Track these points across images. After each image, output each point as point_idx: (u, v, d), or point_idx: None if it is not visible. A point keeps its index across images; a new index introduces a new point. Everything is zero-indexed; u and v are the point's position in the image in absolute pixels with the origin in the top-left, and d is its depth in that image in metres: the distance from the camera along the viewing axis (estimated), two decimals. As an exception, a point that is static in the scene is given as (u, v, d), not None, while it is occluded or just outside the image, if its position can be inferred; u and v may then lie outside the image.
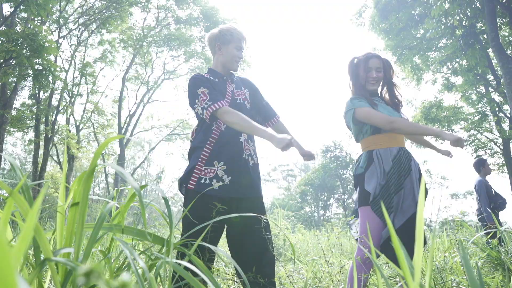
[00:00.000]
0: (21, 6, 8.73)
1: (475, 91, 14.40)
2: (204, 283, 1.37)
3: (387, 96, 2.37)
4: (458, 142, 1.98)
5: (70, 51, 17.32)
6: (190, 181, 2.02)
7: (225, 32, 2.21)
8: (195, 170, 2.03)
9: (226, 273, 2.55)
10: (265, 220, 2.05)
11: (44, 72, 9.16)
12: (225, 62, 2.22)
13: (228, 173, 2.03)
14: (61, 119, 17.51)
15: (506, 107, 13.56)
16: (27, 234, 0.43)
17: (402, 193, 2.07)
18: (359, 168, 2.21)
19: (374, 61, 2.24)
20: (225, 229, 2.08)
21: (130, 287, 0.39)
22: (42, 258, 1.00)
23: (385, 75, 2.30)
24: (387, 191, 2.07)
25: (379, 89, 2.38)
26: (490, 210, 5.22)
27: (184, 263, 1.06)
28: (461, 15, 11.52)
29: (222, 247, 4.24)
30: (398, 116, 2.21)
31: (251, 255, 1.98)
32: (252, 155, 2.16)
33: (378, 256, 2.10)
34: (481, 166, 5.67)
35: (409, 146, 14.13)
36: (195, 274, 1.10)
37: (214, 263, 2.10)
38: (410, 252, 1.94)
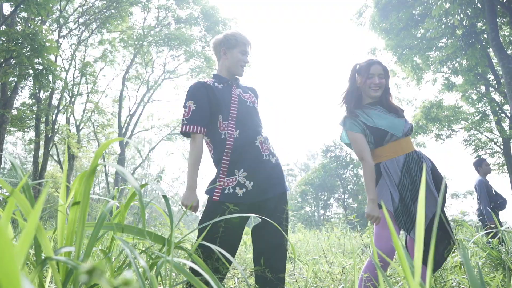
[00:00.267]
0: (21, 6, 8.73)
1: (475, 91, 14.40)
2: (208, 284, 1.37)
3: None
4: (368, 216, 2.06)
5: (71, 51, 17.32)
6: (215, 194, 2.05)
7: (230, 37, 2.22)
8: (218, 182, 2.06)
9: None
10: (285, 214, 2.11)
11: (44, 71, 9.16)
12: (230, 66, 2.23)
13: (250, 179, 2.06)
14: (61, 119, 17.51)
15: (506, 106, 13.56)
16: (29, 233, 0.43)
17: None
18: None
19: (376, 68, 2.22)
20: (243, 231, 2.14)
21: (132, 285, 0.39)
22: (43, 257, 1.00)
23: (386, 81, 2.29)
24: (404, 202, 2.06)
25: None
26: (490, 210, 5.22)
27: (188, 262, 1.06)
28: (461, 15, 11.51)
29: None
30: (401, 124, 2.18)
31: (267, 246, 2.04)
32: (272, 154, 2.18)
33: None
34: (479, 166, 5.67)
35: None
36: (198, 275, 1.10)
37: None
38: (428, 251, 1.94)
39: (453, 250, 2.14)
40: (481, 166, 5.65)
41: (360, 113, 2.20)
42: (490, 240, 3.39)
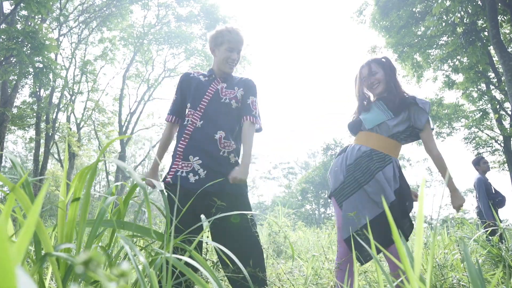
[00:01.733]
0: (22, 4, 8.73)
1: (476, 89, 14.38)
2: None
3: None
4: (457, 206, 2.23)
5: (71, 49, 17.32)
6: (168, 175, 2.08)
7: (217, 34, 2.23)
8: (173, 165, 2.10)
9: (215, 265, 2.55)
10: (250, 217, 2.03)
11: (44, 70, 9.16)
12: (218, 63, 2.25)
13: (204, 167, 2.05)
14: (61, 117, 17.54)
15: (507, 104, 13.55)
16: (29, 228, 0.43)
17: (364, 192, 2.08)
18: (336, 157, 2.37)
19: (363, 71, 2.31)
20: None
21: (129, 276, 0.39)
22: (43, 254, 1.01)
23: (384, 73, 2.29)
24: (343, 182, 2.14)
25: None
26: (490, 208, 5.23)
27: (185, 258, 1.06)
28: (462, 13, 11.49)
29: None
30: (390, 118, 2.19)
31: (235, 254, 1.91)
32: (234, 153, 2.15)
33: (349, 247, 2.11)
34: (477, 164, 5.68)
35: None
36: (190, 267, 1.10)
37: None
38: (382, 244, 1.96)
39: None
40: (479, 164, 5.66)
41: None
42: (490, 237, 3.39)
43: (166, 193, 2.06)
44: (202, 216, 1.80)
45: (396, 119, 2.17)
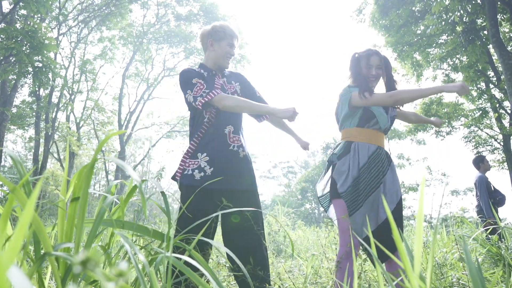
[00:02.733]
0: (21, 3, 8.71)
1: (475, 88, 14.36)
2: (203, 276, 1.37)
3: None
4: (463, 90, 1.92)
5: (70, 48, 17.30)
6: (176, 175, 2.06)
7: (218, 28, 2.22)
8: (180, 163, 2.08)
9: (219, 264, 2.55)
10: (258, 215, 2.03)
11: (44, 69, 9.15)
12: (216, 58, 2.23)
13: (211, 164, 2.03)
14: (61, 117, 17.51)
15: (506, 103, 13.54)
16: (25, 223, 0.43)
17: (381, 190, 2.07)
18: (333, 155, 2.22)
19: (375, 59, 2.24)
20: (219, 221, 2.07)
21: (127, 275, 0.39)
22: (42, 253, 1.00)
23: (386, 71, 2.31)
24: (357, 186, 2.06)
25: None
26: (490, 206, 5.23)
27: (184, 257, 1.06)
28: (461, 11, 11.48)
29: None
30: (386, 119, 2.21)
31: (242, 252, 1.91)
32: (242, 147, 2.14)
33: (362, 249, 2.10)
34: (480, 162, 5.68)
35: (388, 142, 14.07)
36: (193, 268, 1.10)
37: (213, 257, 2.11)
38: (390, 249, 1.94)
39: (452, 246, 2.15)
40: (482, 162, 5.65)
41: None
42: (489, 236, 3.39)
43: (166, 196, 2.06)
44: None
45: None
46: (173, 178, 2.10)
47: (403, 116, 2.54)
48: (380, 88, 2.39)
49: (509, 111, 13.36)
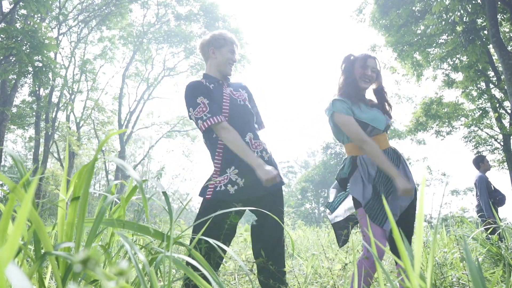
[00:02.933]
0: (21, 3, 8.71)
1: (475, 87, 14.36)
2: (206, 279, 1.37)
3: (374, 100, 2.34)
4: (405, 192, 1.94)
5: (70, 48, 17.30)
6: (207, 193, 2.06)
7: (217, 36, 2.25)
8: (210, 182, 2.08)
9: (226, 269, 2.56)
10: (281, 211, 2.12)
11: (44, 69, 9.15)
12: (218, 65, 2.23)
13: (241, 176, 2.05)
14: (61, 116, 17.52)
15: (506, 103, 13.54)
16: (22, 219, 0.43)
17: (394, 194, 2.06)
18: (343, 173, 2.18)
19: (372, 61, 2.21)
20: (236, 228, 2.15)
21: (127, 274, 0.39)
22: (42, 252, 1.00)
23: (377, 80, 2.28)
24: (378, 196, 2.03)
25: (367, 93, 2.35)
26: (490, 205, 5.24)
27: (186, 258, 1.06)
28: (461, 11, 11.48)
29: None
30: (384, 119, 2.17)
31: (267, 243, 2.06)
32: (265, 150, 2.18)
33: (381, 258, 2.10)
34: (480, 162, 5.68)
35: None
36: (195, 270, 1.10)
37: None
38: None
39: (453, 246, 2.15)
40: (483, 162, 5.65)
41: (347, 101, 2.16)
42: (489, 236, 3.39)
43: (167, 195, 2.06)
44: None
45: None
46: (201, 195, 2.09)
47: None
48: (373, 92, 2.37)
49: (509, 111, 13.36)
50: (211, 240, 1.22)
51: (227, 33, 2.28)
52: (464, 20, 11.83)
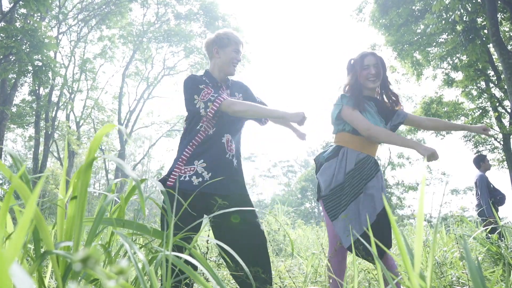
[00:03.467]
0: (21, 2, 8.70)
1: (475, 87, 14.36)
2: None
3: (385, 97, 2.33)
4: (432, 157, 1.90)
5: (70, 47, 17.30)
6: (169, 180, 2.03)
7: (222, 35, 2.22)
8: (174, 169, 2.05)
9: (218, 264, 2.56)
10: (255, 217, 2.05)
11: (43, 68, 9.15)
12: (222, 65, 2.22)
13: (208, 170, 2.03)
14: (61, 115, 17.52)
15: (506, 102, 13.53)
16: (27, 218, 0.43)
17: (361, 198, 2.05)
18: (322, 157, 2.21)
19: (370, 59, 2.21)
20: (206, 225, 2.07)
21: (127, 273, 0.39)
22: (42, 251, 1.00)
23: (383, 73, 2.27)
24: (341, 191, 2.05)
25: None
26: (491, 205, 5.24)
27: (185, 256, 1.06)
28: (461, 10, 11.47)
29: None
30: (382, 127, 2.17)
31: (246, 251, 1.91)
32: (236, 156, 2.17)
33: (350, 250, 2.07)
34: (481, 161, 5.68)
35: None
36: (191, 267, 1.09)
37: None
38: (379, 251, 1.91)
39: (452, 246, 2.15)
40: (483, 161, 5.65)
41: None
42: (489, 235, 3.39)
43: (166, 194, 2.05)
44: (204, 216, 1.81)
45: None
46: (162, 181, 2.06)
47: (414, 123, 2.43)
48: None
49: (509, 110, 13.35)
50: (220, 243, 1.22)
51: (232, 32, 2.25)
52: (464, 19, 11.82)
